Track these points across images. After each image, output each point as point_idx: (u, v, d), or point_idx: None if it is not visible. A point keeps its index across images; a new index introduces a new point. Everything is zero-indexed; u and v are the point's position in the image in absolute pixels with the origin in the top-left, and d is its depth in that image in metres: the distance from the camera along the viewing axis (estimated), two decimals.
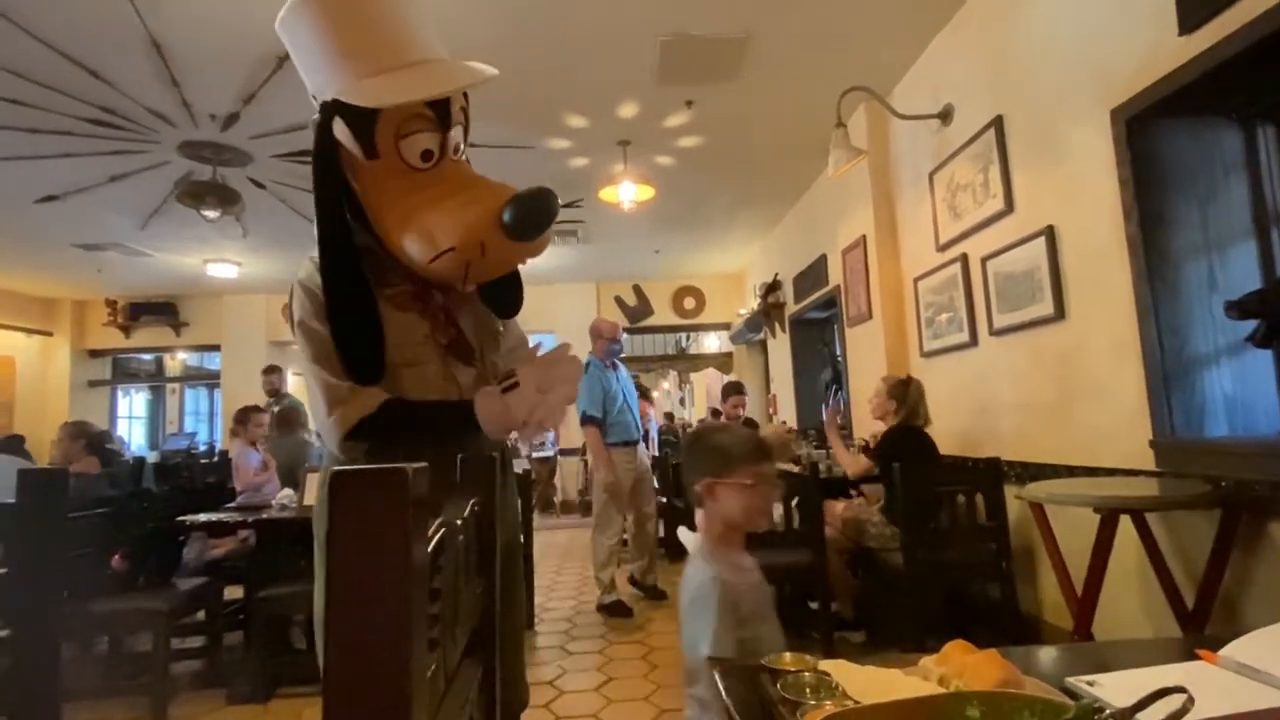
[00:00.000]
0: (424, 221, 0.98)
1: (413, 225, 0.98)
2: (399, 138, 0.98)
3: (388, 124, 0.97)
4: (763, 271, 6.65)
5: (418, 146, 1.00)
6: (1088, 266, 2.31)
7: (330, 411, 1.00)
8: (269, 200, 4.76)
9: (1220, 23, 1.73)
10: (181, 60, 3.07)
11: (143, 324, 7.78)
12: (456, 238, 0.96)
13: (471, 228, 0.96)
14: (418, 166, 1.01)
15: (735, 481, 1.13)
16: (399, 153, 0.99)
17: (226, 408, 7.52)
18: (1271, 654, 0.66)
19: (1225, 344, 1.97)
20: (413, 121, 0.98)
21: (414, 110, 0.98)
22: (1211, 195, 2.00)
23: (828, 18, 2.97)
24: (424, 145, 1.00)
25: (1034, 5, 2.50)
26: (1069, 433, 2.44)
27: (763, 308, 6.34)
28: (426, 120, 1.00)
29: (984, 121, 2.81)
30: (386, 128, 0.97)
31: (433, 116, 1.00)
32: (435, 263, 0.98)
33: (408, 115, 0.97)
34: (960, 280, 3.04)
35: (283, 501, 3.00)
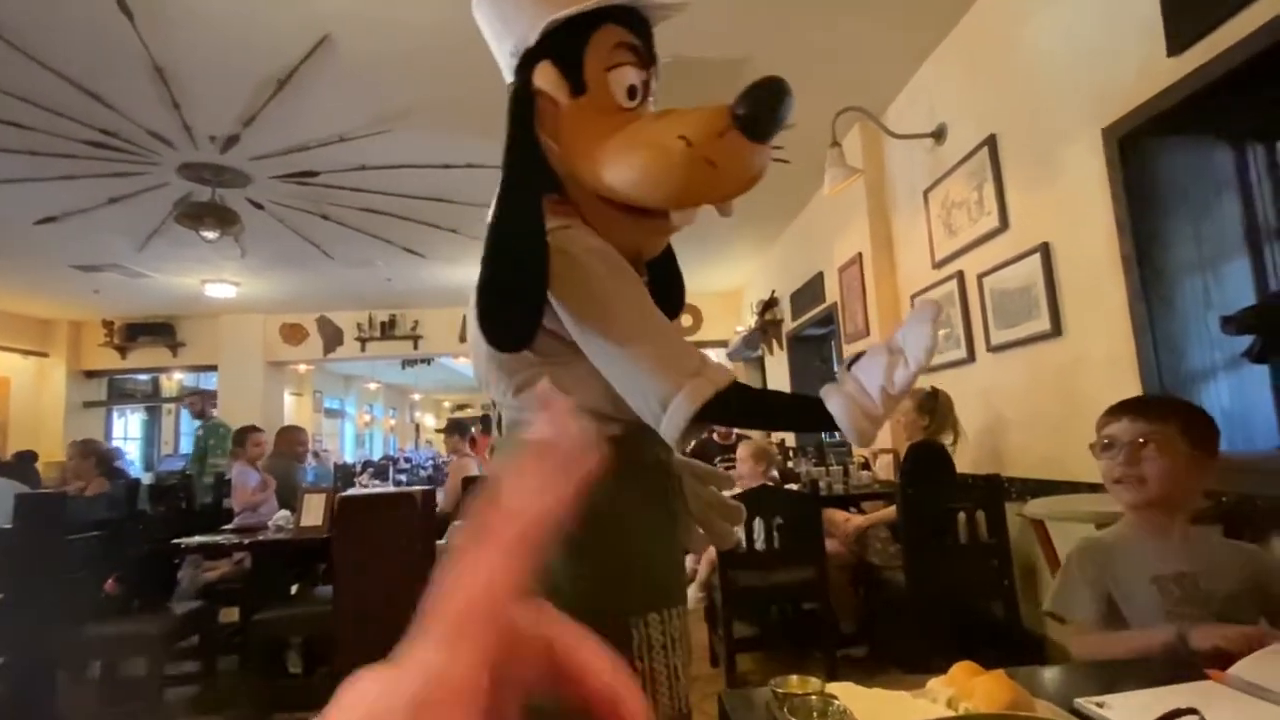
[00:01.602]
0: (647, 135, 0.90)
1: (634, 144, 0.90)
2: (608, 69, 0.93)
3: (597, 53, 0.92)
4: (760, 289, 6.68)
5: (625, 80, 0.94)
6: (1084, 283, 2.32)
7: (678, 384, 0.82)
8: (267, 221, 4.79)
9: (1208, 44, 1.76)
10: (183, 83, 3.10)
11: (139, 344, 7.78)
12: (689, 128, 0.86)
13: (705, 120, 0.87)
14: (623, 105, 0.95)
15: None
16: (607, 86, 0.93)
17: None
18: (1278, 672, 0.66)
19: (1222, 360, 1.98)
20: (620, 51, 0.94)
21: (620, 39, 0.94)
22: (1204, 213, 2.02)
23: (822, 40, 3.01)
24: (630, 79, 0.95)
25: (1025, 25, 2.54)
26: (1069, 448, 2.44)
27: (760, 325, 6.36)
28: (633, 51, 0.95)
29: (978, 140, 2.85)
30: (596, 57, 0.92)
31: (640, 47, 0.96)
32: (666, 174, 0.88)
33: (615, 44, 0.94)
34: (957, 297, 3.06)
35: (279, 523, 2.98)
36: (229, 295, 6.34)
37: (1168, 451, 1.12)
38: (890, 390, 0.79)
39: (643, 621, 0.88)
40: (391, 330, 7.99)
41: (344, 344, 8.04)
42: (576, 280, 0.85)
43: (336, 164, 3.99)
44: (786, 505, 2.76)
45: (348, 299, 7.44)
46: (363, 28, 2.76)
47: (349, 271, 6.21)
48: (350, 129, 3.59)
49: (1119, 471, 1.16)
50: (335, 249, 5.53)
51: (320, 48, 2.86)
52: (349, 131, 3.62)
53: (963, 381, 3.12)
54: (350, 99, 3.31)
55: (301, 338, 7.97)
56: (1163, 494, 1.13)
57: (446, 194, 4.45)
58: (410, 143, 3.76)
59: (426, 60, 3.01)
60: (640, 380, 0.84)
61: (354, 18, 2.69)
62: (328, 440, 12.54)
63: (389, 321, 7.99)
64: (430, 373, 13.14)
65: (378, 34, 2.80)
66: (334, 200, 4.52)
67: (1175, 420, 1.15)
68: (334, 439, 13.43)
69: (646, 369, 0.83)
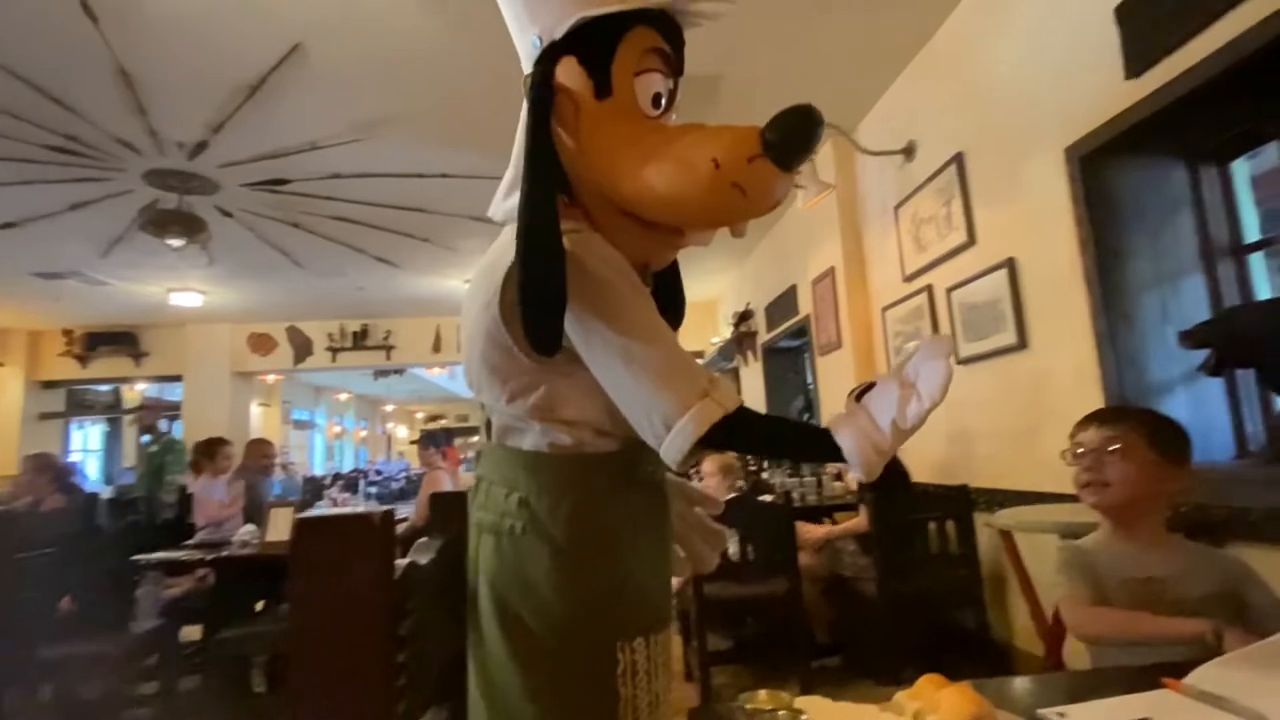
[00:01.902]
0: (676, 151, 0.85)
1: (661, 158, 0.85)
2: (636, 73, 0.88)
3: (627, 56, 0.88)
4: (735, 301, 6.73)
5: (651, 87, 0.90)
6: (1048, 298, 2.38)
7: (685, 405, 0.78)
8: (236, 229, 4.70)
9: (1163, 68, 1.83)
10: (149, 89, 3.04)
11: (100, 354, 7.56)
12: (721, 150, 0.82)
13: (737, 141, 0.82)
14: (648, 113, 0.90)
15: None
16: (633, 91, 0.89)
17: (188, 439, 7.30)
18: (1233, 681, 0.67)
19: (1180, 373, 2.04)
20: (650, 57, 0.89)
21: (651, 44, 0.89)
22: (1161, 231, 2.09)
23: (795, 58, 3.06)
24: (657, 87, 0.90)
25: (991, 47, 2.61)
26: (1036, 459, 2.48)
27: (735, 336, 6.40)
28: (663, 58, 0.91)
29: (946, 157, 2.91)
30: (625, 60, 0.88)
31: (670, 55, 0.92)
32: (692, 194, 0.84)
33: (646, 49, 0.89)
34: (927, 310, 3.11)
35: (244, 538, 2.90)
36: (195, 304, 6.20)
37: (1131, 457, 1.16)
38: (902, 425, 0.77)
39: (629, 646, 0.85)
40: (363, 340, 7.89)
41: (314, 354, 7.91)
42: (589, 289, 0.81)
43: (308, 172, 3.94)
44: (760, 517, 2.76)
45: (318, 308, 7.33)
46: (336, 36, 2.74)
47: (320, 281, 6.12)
48: (323, 137, 3.55)
49: (1085, 476, 1.20)
50: (306, 258, 5.45)
51: (292, 55, 2.83)
52: (321, 140, 3.58)
53: None
54: (323, 107, 3.27)
55: (270, 348, 7.83)
56: (1126, 497, 1.17)
57: (420, 203, 4.42)
58: (384, 151, 3.73)
59: (400, 70, 2.99)
60: (645, 398, 0.81)
61: (327, 26, 2.67)
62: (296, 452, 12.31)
63: (361, 331, 7.89)
64: (403, 383, 12.98)
65: (351, 43, 2.78)
66: (305, 209, 4.46)
67: (1141, 428, 1.19)
68: (303, 451, 13.18)
69: (653, 387, 0.80)
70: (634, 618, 0.87)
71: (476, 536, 0.91)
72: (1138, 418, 1.23)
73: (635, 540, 0.89)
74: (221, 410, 7.43)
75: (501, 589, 0.86)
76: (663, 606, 0.93)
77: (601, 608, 0.85)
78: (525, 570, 0.85)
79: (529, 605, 0.84)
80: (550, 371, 0.86)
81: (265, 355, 7.84)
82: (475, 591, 0.90)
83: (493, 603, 0.86)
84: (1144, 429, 1.18)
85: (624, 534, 0.88)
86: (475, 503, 0.95)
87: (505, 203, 0.96)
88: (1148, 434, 1.17)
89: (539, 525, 0.85)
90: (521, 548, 0.85)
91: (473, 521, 0.93)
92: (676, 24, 0.92)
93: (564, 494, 0.87)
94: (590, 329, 0.82)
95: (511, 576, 0.85)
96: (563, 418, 0.88)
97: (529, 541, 0.85)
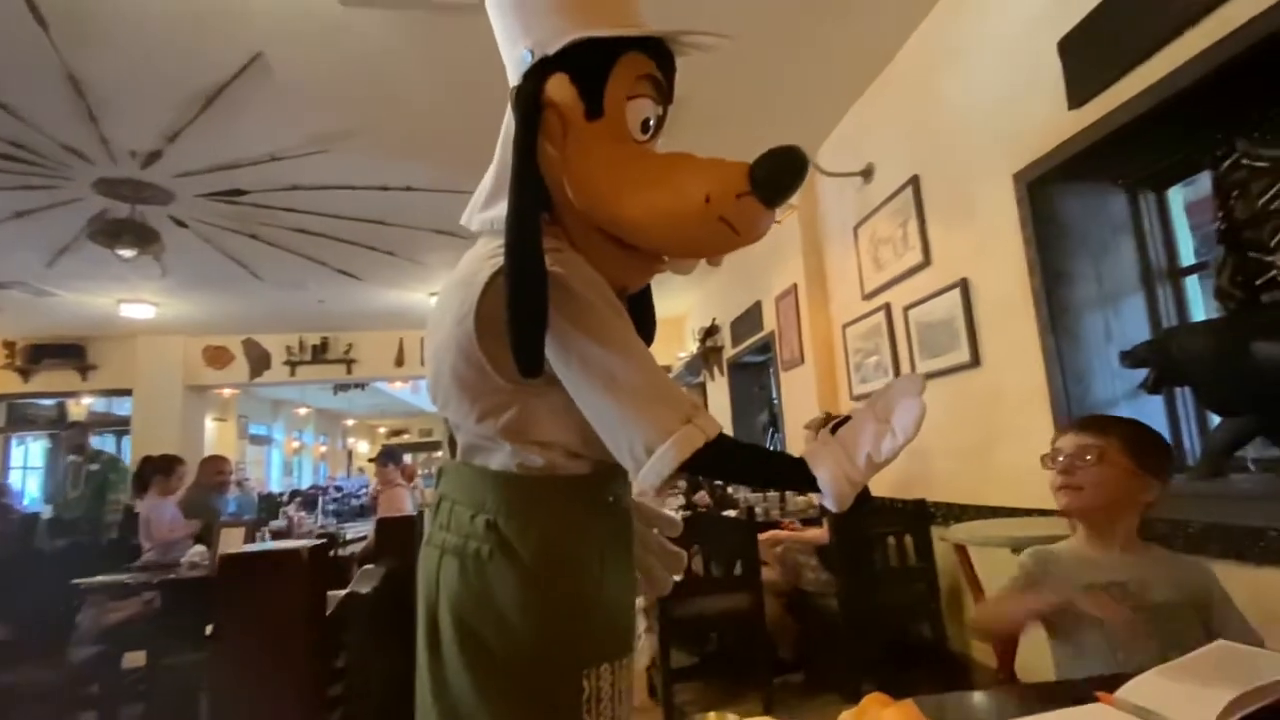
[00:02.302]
0: (667, 180, 0.86)
1: (651, 184, 0.86)
2: (628, 98, 0.88)
3: (621, 80, 0.87)
4: (702, 316, 6.78)
5: (642, 112, 0.90)
6: (999, 317, 2.46)
7: (667, 430, 0.77)
8: (191, 239, 4.58)
9: (1104, 99, 1.92)
10: (101, 96, 2.96)
11: (45, 367, 7.25)
12: (713, 186, 0.83)
13: (727, 177, 0.84)
14: (636, 137, 0.91)
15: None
16: (624, 115, 0.89)
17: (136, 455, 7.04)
18: (1164, 694, 0.70)
19: (1123, 390, 2.12)
20: (643, 83, 0.90)
21: (645, 70, 0.90)
22: (1104, 254, 2.18)
23: (758, 81, 3.13)
24: (647, 112, 0.91)
25: (943, 76, 2.71)
26: (990, 474, 2.55)
27: (701, 351, 6.45)
28: (655, 85, 0.92)
29: (902, 180, 2.99)
30: (619, 84, 0.87)
31: (662, 83, 0.93)
32: (680, 224, 0.85)
33: (640, 75, 0.89)
34: (885, 328, 3.19)
35: (193, 559, 2.81)
36: (147, 316, 6.01)
37: (1105, 463, 1.17)
38: (876, 459, 0.79)
39: (595, 672, 0.84)
40: (323, 354, 7.72)
41: (272, 368, 7.72)
42: (571, 310, 0.81)
43: (267, 183, 3.87)
44: (722, 532, 2.78)
45: (277, 321, 7.16)
46: (298, 48, 2.71)
47: (279, 293, 5.99)
48: (283, 148, 3.50)
49: (1060, 480, 1.22)
50: (265, 270, 5.34)
51: (252, 66, 2.79)
52: (281, 151, 3.52)
53: None
54: (284, 118, 3.22)
55: (226, 361, 7.61)
56: (1096, 502, 1.18)
57: (384, 216, 4.36)
58: (347, 164, 3.68)
59: (364, 82, 2.97)
60: (627, 422, 0.80)
61: (289, 37, 2.64)
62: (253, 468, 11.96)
63: (321, 345, 7.72)
64: (364, 397, 12.74)
65: (314, 54, 2.75)
66: (264, 220, 4.37)
67: (1117, 435, 1.19)
68: (260, 467, 12.81)
69: (635, 411, 0.79)
70: (600, 644, 0.86)
71: (437, 558, 0.89)
72: (1118, 427, 1.23)
73: (604, 565, 0.88)
74: (173, 425, 7.19)
75: (466, 614, 0.84)
76: (628, 632, 0.92)
77: (569, 634, 0.84)
78: (492, 595, 0.83)
79: (494, 631, 0.83)
80: (523, 392, 0.85)
81: (221, 369, 7.62)
82: (434, 616, 0.88)
83: (455, 628, 0.84)
84: (1122, 438, 1.19)
85: (593, 559, 0.87)
86: (436, 522, 0.92)
87: (484, 213, 0.94)
88: (1125, 443, 1.18)
89: (507, 549, 0.84)
90: (488, 572, 0.84)
91: (433, 542, 0.91)
92: (670, 53, 0.93)
93: (534, 517, 0.86)
94: (571, 351, 0.81)
95: (477, 601, 0.84)
96: (534, 439, 0.86)
97: (496, 565, 0.84)
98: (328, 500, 7.82)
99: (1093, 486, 1.17)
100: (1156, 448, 1.22)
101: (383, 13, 2.52)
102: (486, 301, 0.82)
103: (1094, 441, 1.19)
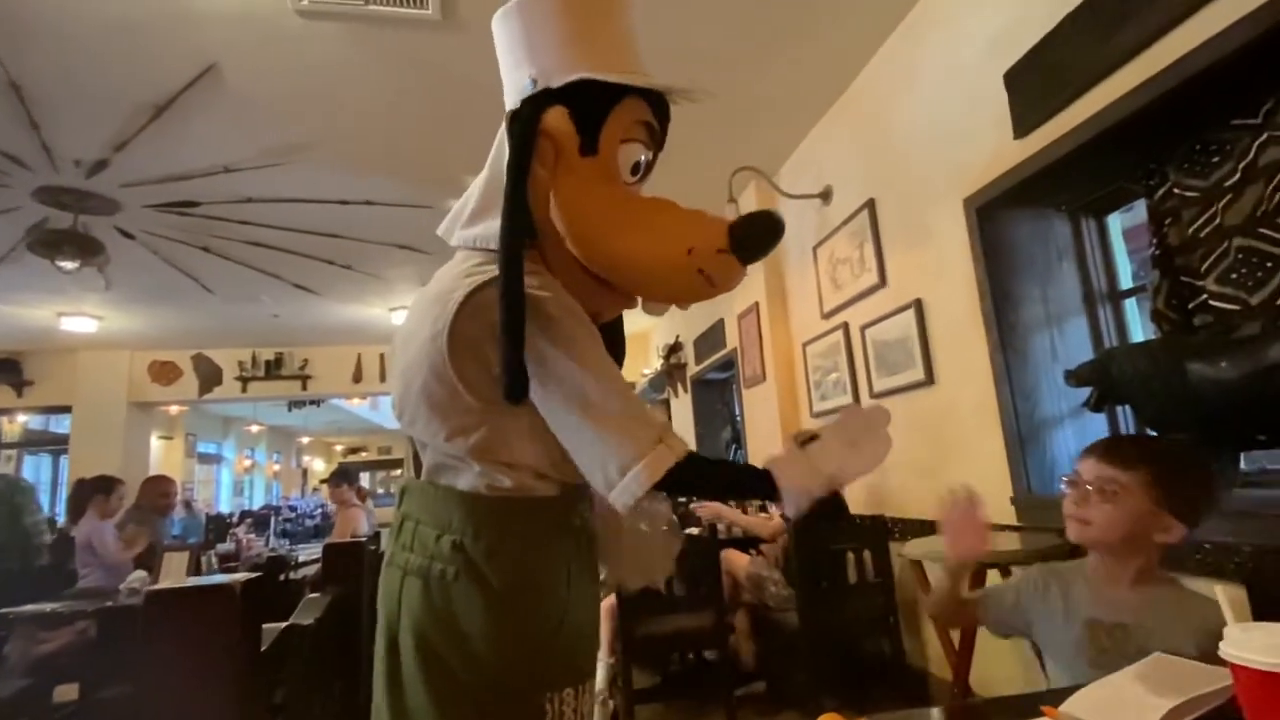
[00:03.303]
0: (652, 225, 0.91)
1: (637, 228, 0.90)
2: (623, 140, 0.92)
3: (618, 123, 0.91)
4: (666, 333, 6.82)
5: (634, 155, 0.95)
6: (952, 336, 2.53)
7: (641, 452, 0.80)
8: (139, 251, 4.43)
9: (1047, 129, 2.00)
10: (43, 103, 2.86)
11: None
12: (697, 239, 0.88)
13: (709, 233, 0.88)
14: (625, 179, 0.95)
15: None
16: (617, 157, 0.92)
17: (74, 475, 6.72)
18: (1105, 707, 0.72)
19: (1068, 408, 2.20)
20: (638, 128, 0.94)
21: (642, 117, 0.94)
22: (1049, 277, 2.26)
23: (719, 103, 3.18)
24: (639, 156, 0.95)
25: (897, 103, 2.79)
26: (943, 490, 2.57)
27: (666, 368, 6.48)
28: (649, 131, 0.96)
29: (859, 203, 3.07)
30: (616, 126, 0.91)
31: (656, 129, 0.97)
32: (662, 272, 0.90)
33: (636, 120, 0.93)
34: (843, 346, 3.25)
35: (133, 585, 2.68)
36: (89, 330, 5.77)
37: (1120, 501, 1.05)
38: (839, 478, 0.85)
39: (559, 697, 0.84)
40: (277, 369, 7.52)
41: (223, 384, 7.47)
42: (550, 334, 0.82)
43: (220, 195, 3.77)
44: (686, 550, 2.77)
45: (229, 335, 6.95)
46: (254, 59, 2.66)
47: (231, 307, 5.82)
48: (237, 160, 3.42)
49: (1069, 508, 1.13)
50: (216, 283, 5.18)
51: (206, 76, 2.72)
52: (236, 163, 3.44)
53: None
54: (238, 130, 3.15)
55: (174, 376, 7.35)
56: (1104, 539, 1.09)
57: (342, 229, 4.28)
58: (304, 177, 3.62)
59: (323, 96, 2.93)
60: (600, 444, 0.82)
61: (244, 48, 2.59)
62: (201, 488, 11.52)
63: (275, 360, 7.52)
64: (320, 414, 12.40)
65: (271, 67, 2.70)
66: (217, 232, 4.25)
67: (1146, 470, 1.06)
68: (209, 486, 12.35)
69: (609, 433, 0.81)
70: (564, 669, 0.86)
71: (399, 579, 0.88)
72: (1150, 460, 1.08)
73: (570, 588, 0.88)
74: (115, 444, 6.89)
75: (428, 636, 0.83)
76: (590, 656, 0.92)
77: (533, 658, 0.84)
78: (456, 618, 0.83)
79: (458, 654, 0.82)
80: (494, 412, 0.85)
81: (168, 384, 7.34)
82: (394, 637, 0.86)
83: (417, 650, 0.83)
84: (1150, 474, 1.06)
85: (559, 582, 0.87)
86: (399, 542, 0.91)
87: (467, 229, 0.95)
88: (1153, 479, 1.05)
89: (473, 570, 0.83)
90: (453, 594, 0.83)
91: (395, 562, 0.90)
92: (667, 103, 0.97)
93: (501, 538, 0.85)
94: (549, 373, 0.82)
95: (441, 624, 0.83)
96: (504, 459, 0.87)
97: (461, 587, 0.83)
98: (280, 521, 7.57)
99: (1102, 523, 1.07)
100: (1191, 487, 1.08)
101: (340, 25, 2.50)
102: (461, 320, 0.82)
103: (1113, 474, 1.07)
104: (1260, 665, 0.59)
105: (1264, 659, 0.58)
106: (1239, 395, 1.55)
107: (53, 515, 7.56)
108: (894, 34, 2.77)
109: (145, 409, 7.51)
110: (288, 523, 8.22)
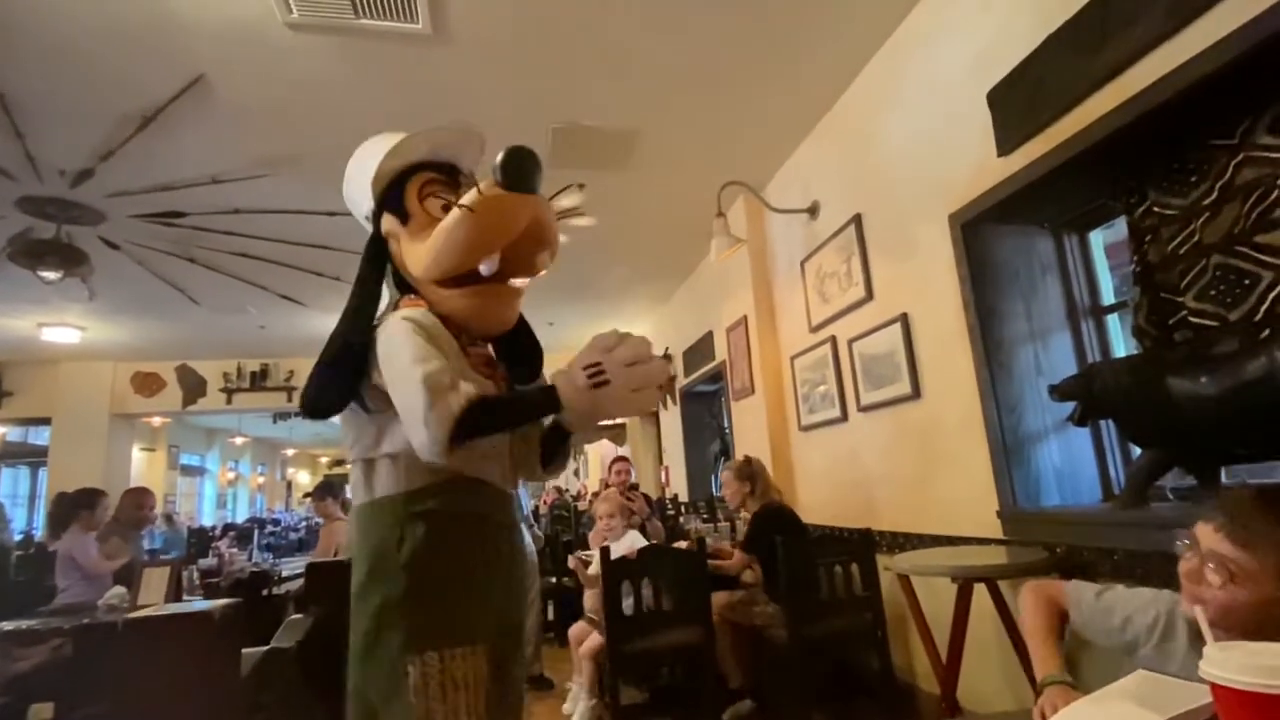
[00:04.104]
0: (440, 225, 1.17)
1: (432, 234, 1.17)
2: (422, 199, 1.23)
3: (412, 192, 1.23)
4: (655, 345, 6.80)
5: (439, 202, 1.22)
6: (938, 350, 2.55)
7: (434, 403, 0.98)
8: (123, 262, 4.39)
9: (1030, 148, 2.04)
10: (28, 112, 2.83)
11: None
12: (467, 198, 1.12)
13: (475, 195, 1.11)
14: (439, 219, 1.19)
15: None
16: (424, 210, 1.22)
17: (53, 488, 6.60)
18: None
19: (1053, 422, 2.22)
20: (430, 185, 1.25)
21: (429, 178, 1.25)
22: (1033, 292, 2.29)
23: (709, 118, 3.21)
24: (443, 200, 1.22)
25: (883, 120, 2.83)
26: (930, 504, 2.61)
27: None
28: (441, 183, 1.26)
29: (846, 218, 3.10)
30: (412, 194, 1.23)
31: (445, 180, 1.26)
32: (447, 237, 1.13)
33: (425, 181, 1.25)
34: (831, 359, 3.26)
35: (111, 602, 2.63)
36: (71, 340, 5.70)
37: (1241, 584, 0.88)
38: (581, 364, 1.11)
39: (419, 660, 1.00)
40: (263, 381, 7.45)
41: (207, 395, 7.40)
42: (384, 342, 1.10)
43: (208, 205, 3.74)
44: (673, 565, 2.76)
45: (214, 347, 6.88)
46: (243, 71, 2.65)
47: (217, 318, 5.77)
48: (225, 171, 3.40)
49: (1185, 572, 0.95)
50: (202, 294, 5.14)
51: (194, 87, 2.71)
52: (223, 173, 3.42)
53: (837, 438, 3.30)
54: (226, 141, 3.14)
55: (157, 388, 7.26)
56: (1222, 625, 0.88)
57: (330, 240, 4.26)
58: (292, 188, 3.60)
59: (312, 107, 2.92)
60: (412, 406, 1.00)
61: (233, 60, 2.59)
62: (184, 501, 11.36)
63: (260, 371, 7.45)
64: (305, 426, 12.29)
65: (260, 79, 2.70)
66: (203, 243, 4.22)
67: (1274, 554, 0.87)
68: (191, 499, 12.18)
69: (414, 393, 1.00)
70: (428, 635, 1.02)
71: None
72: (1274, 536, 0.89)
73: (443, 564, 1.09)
74: (96, 456, 6.79)
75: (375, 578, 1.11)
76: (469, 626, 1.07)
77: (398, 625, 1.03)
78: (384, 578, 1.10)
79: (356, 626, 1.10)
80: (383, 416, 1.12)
81: (151, 396, 7.26)
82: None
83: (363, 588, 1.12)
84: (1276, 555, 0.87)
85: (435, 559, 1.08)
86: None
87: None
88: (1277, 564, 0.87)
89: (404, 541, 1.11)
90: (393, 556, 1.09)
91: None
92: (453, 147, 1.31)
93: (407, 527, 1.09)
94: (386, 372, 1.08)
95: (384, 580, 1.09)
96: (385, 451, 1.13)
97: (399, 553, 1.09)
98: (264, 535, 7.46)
99: (1218, 607, 0.88)
100: None
101: (331, 38, 2.50)
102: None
103: (1234, 556, 0.89)
104: (1239, 685, 0.59)
105: (1243, 678, 0.59)
106: (1219, 410, 1.57)
107: (30, 530, 7.43)
108: (879, 53, 2.81)
109: (127, 420, 7.42)
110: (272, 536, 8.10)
